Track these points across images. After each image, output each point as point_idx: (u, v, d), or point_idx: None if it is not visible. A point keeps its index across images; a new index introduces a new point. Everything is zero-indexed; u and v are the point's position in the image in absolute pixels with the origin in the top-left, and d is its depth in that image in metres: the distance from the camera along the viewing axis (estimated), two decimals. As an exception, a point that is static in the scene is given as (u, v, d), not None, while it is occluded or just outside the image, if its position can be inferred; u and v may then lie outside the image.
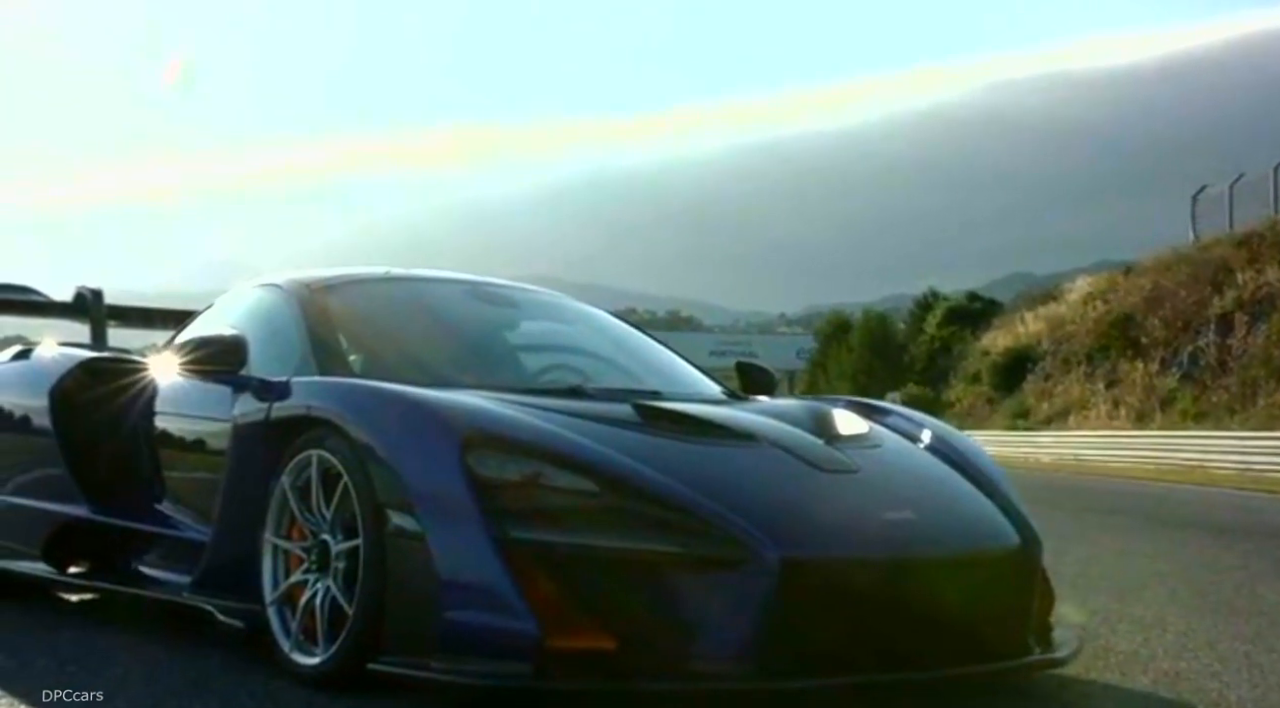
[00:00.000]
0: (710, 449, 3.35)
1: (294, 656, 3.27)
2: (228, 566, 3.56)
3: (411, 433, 3.16)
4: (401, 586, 3.03)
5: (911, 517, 3.27)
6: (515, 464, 3.06)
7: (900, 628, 3.05)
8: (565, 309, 4.92)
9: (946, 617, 3.13)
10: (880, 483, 3.40)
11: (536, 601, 2.88)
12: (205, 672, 3.40)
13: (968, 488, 3.59)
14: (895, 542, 3.17)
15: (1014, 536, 3.43)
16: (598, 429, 3.29)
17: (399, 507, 3.05)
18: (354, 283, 4.44)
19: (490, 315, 4.55)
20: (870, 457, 3.53)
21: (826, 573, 3.01)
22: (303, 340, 3.94)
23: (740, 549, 2.93)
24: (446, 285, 4.72)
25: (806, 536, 3.05)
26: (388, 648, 3.04)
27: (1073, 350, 34.12)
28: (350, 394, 3.40)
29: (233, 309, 4.51)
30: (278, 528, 3.43)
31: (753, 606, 2.89)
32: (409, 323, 4.35)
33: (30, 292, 5.50)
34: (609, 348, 4.65)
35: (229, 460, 3.66)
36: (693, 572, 2.94)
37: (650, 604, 2.92)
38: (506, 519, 2.95)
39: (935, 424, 4.01)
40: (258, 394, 3.64)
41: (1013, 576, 3.40)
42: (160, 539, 4.12)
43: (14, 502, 4.54)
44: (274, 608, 3.37)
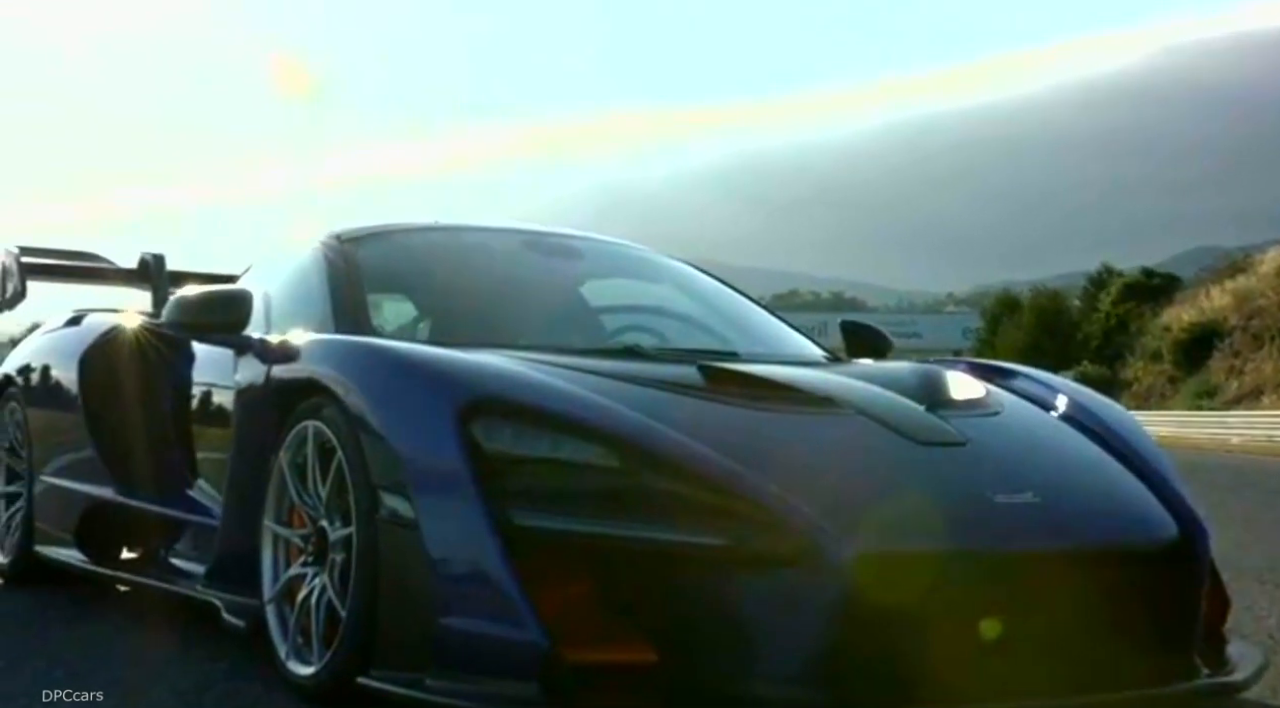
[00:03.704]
0: (777, 416, 2.73)
1: (289, 663, 2.78)
2: (236, 556, 3.10)
3: (406, 398, 2.63)
4: (395, 583, 2.51)
5: (1033, 500, 2.56)
6: (527, 436, 2.50)
7: (1014, 644, 2.37)
8: (641, 262, 4.30)
9: (1078, 629, 2.44)
10: (994, 458, 2.71)
11: (546, 604, 2.31)
12: (210, 675, 3.01)
13: (1113, 466, 2.87)
14: (1009, 531, 2.48)
15: (1171, 525, 2.70)
16: (643, 394, 2.70)
17: (393, 488, 2.53)
18: (389, 234, 3.94)
19: (547, 269, 3.95)
20: (984, 426, 2.84)
21: (913, 572, 2.35)
22: (323, 297, 3.46)
23: (801, 541, 2.31)
24: (498, 235, 4.17)
25: (887, 524, 2.40)
26: (381, 659, 2.52)
27: (1264, 325, 32.28)
28: (349, 354, 2.88)
29: (267, 268, 4.07)
30: (277, 513, 2.94)
31: (817, 613, 2.27)
32: (446, 278, 3.81)
33: (97, 259, 5.23)
34: (692, 307, 4.04)
35: (233, 434, 3.20)
36: (742, 570, 2.33)
37: (689, 611, 2.33)
38: (511, 502, 2.39)
39: (1074, 389, 3.28)
40: (259, 356, 3.16)
41: (1170, 575, 2.67)
42: (189, 526, 3.71)
43: (52, 483, 4.21)
44: (272, 606, 2.89)
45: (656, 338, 3.76)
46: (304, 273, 3.66)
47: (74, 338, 4.33)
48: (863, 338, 4.02)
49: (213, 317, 3.30)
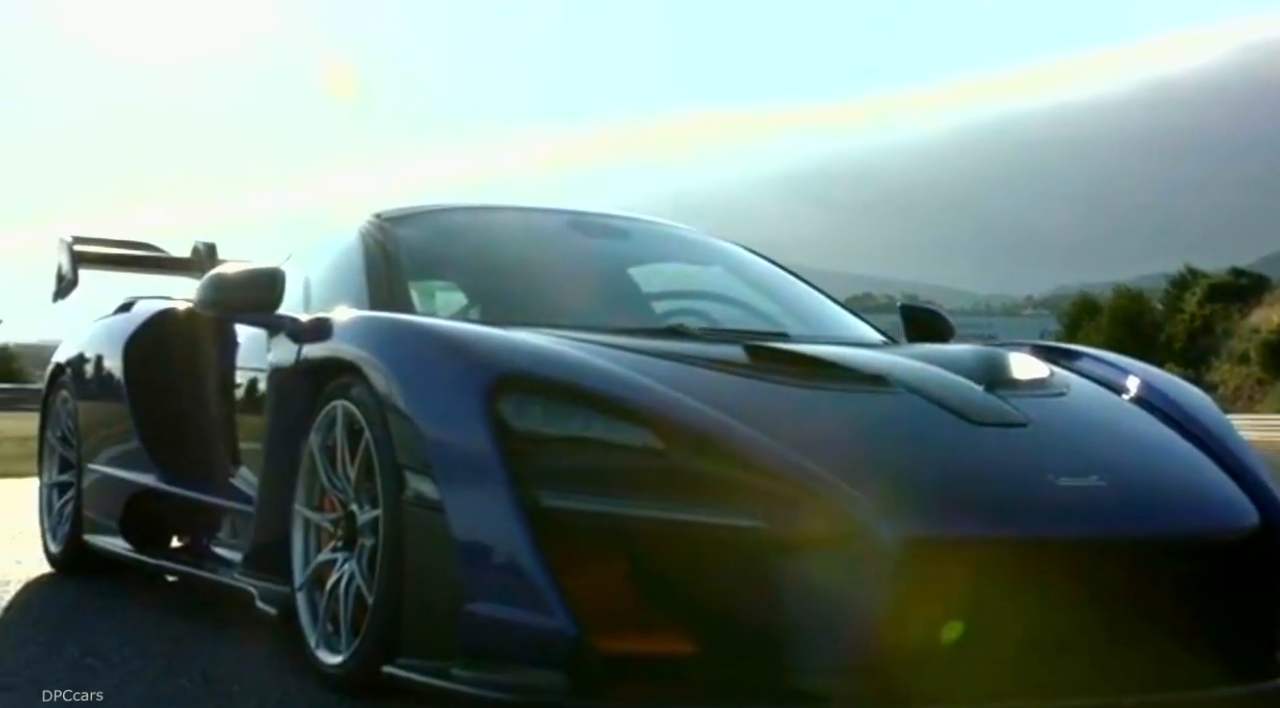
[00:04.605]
0: (823, 395, 2.58)
1: (319, 652, 2.69)
2: (270, 543, 3.01)
3: (433, 375, 2.52)
4: (421, 567, 2.40)
5: (1099, 484, 2.38)
6: (559, 413, 2.37)
7: (1072, 636, 2.20)
8: (691, 244, 4.16)
9: (1147, 622, 2.27)
10: (1057, 440, 2.54)
11: (576, 590, 2.18)
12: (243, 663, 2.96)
13: (1187, 450, 2.68)
14: (1072, 516, 2.31)
15: (1252, 512, 2.50)
16: (684, 373, 2.57)
17: (418, 468, 2.42)
18: (430, 213, 3.84)
19: (590, 249, 3.82)
20: (1047, 407, 2.67)
21: (965, 557, 2.19)
22: (359, 276, 3.37)
23: (843, 524, 2.16)
24: (543, 215, 4.06)
25: (938, 506, 2.24)
26: (408, 647, 2.41)
27: (1362, 327, 31.31)
28: (376, 331, 2.78)
29: (308, 250, 3.99)
30: (308, 497, 2.85)
31: (861, 600, 2.12)
32: (489, 257, 3.70)
33: (150, 248, 5.21)
34: (744, 289, 3.89)
35: (267, 416, 3.12)
36: (780, 553, 2.18)
37: (725, 598, 2.19)
38: (540, 483, 2.27)
39: (1146, 370, 3.08)
40: (291, 336, 3.08)
41: (1250, 566, 2.47)
42: (230, 513, 3.64)
43: (100, 471, 4.18)
44: (303, 593, 2.80)
45: (706, 320, 3.63)
46: (343, 253, 3.58)
47: (121, 325, 4.31)
48: (923, 321, 3.84)
49: (244, 294, 3.22)
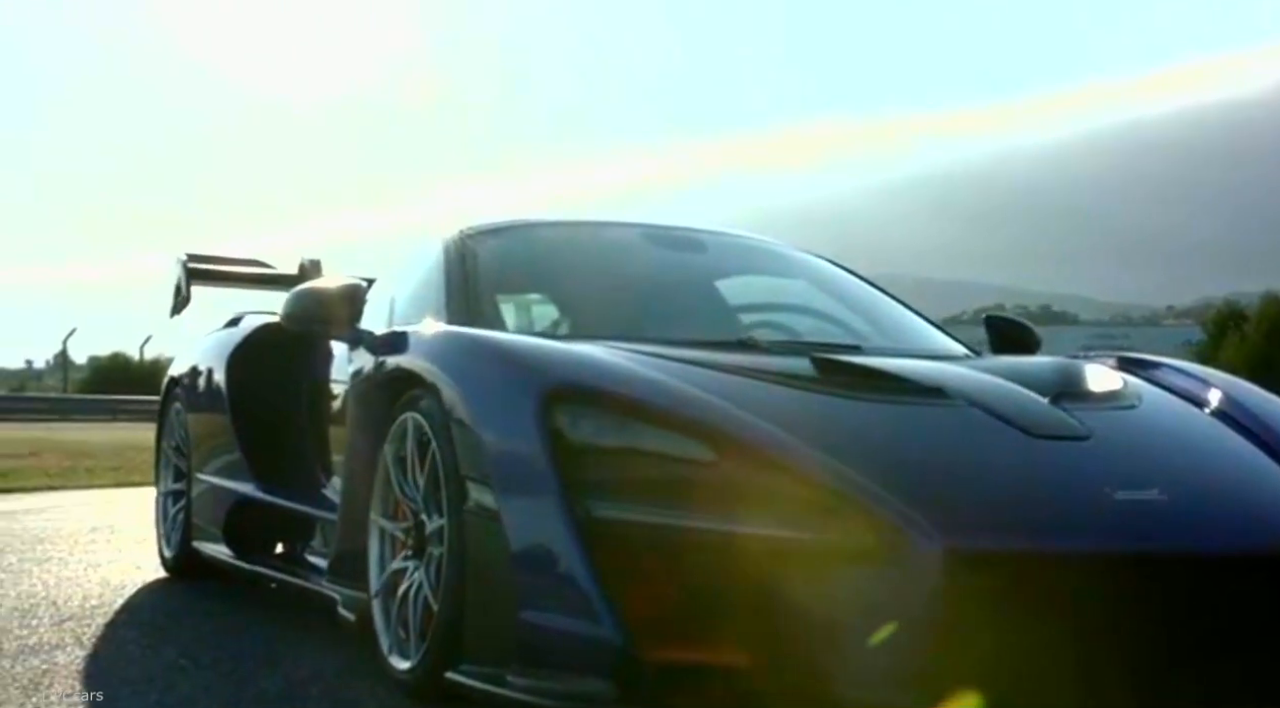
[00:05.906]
0: (880, 407, 2.57)
1: (391, 658, 2.77)
2: (351, 551, 3.12)
3: (492, 386, 2.58)
4: (481, 575, 2.46)
5: (1158, 497, 2.33)
6: (611, 425, 2.41)
7: (1125, 653, 2.15)
8: (773, 256, 4.16)
9: (1207, 641, 2.20)
10: (1118, 453, 2.48)
11: (627, 600, 2.22)
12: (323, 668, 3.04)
13: (1261, 463, 2.60)
14: (1127, 530, 2.26)
15: None
16: (742, 385, 2.58)
17: (478, 478, 2.48)
18: (514, 228, 3.91)
19: (675, 263, 3.84)
20: (1114, 419, 2.62)
21: (1013, 571, 2.15)
22: (440, 289, 3.46)
23: (889, 536, 2.15)
24: (621, 230, 4.10)
25: (986, 519, 2.21)
26: (469, 654, 2.48)
27: None
28: (443, 344, 2.86)
29: (398, 266, 4.11)
30: (383, 507, 2.95)
31: (908, 612, 2.11)
32: (570, 271, 3.76)
33: (260, 265, 5.41)
34: (826, 302, 3.88)
35: (348, 428, 3.22)
36: (828, 565, 2.18)
37: (773, 609, 2.19)
38: (592, 493, 2.31)
39: (1229, 381, 2.99)
40: (370, 349, 3.18)
41: None
42: (322, 522, 3.77)
43: (208, 480, 4.36)
44: (378, 599, 2.89)
45: (788, 333, 3.63)
46: (428, 267, 3.68)
47: (227, 339, 4.49)
48: (1009, 333, 3.79)
49: (323, 309, 3.34)
